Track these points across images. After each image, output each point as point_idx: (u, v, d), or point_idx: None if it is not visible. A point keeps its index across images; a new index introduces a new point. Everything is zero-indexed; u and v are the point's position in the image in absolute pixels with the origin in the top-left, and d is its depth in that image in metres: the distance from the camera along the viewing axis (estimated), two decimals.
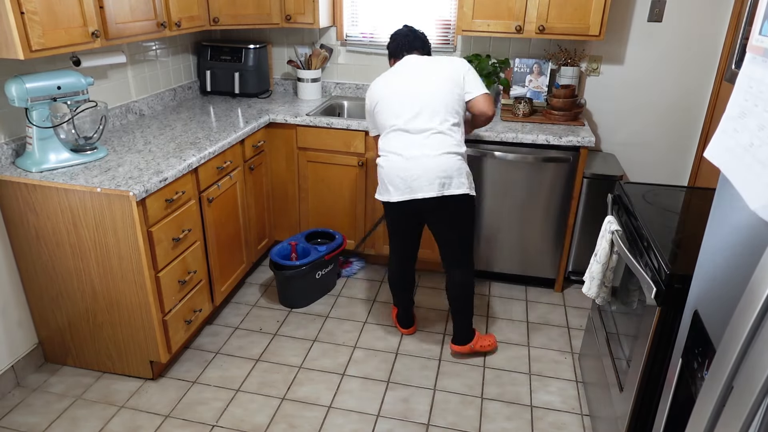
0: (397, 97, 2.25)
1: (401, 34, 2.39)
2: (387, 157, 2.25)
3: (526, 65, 3.15)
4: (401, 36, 2.38)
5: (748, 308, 0.88)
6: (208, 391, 2.32)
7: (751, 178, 0.97)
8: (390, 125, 2.25)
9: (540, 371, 2.49)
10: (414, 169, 2.18)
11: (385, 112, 2.27)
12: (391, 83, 2.30)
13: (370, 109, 2.36)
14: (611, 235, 1.89)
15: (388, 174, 2.24)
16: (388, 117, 2.26)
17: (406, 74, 2.30)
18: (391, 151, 2.24)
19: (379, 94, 2.30)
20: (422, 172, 2.18)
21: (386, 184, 2.27)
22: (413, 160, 2.18)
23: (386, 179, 2.26)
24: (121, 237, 2.06)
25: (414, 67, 2.31)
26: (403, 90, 2.26)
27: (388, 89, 2.28)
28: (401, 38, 2.38)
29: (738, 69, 1.08)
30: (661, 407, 1.43)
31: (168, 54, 3.14)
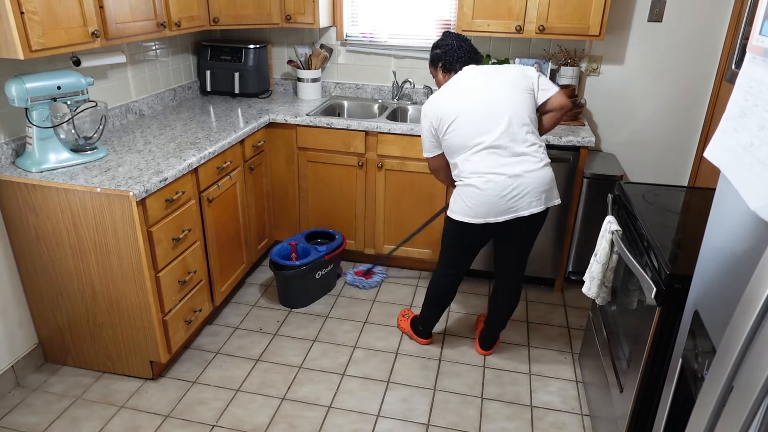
0: (477, 114, 2.08)
1: (453, 45, 2.19)
2: (483, 178, 2.08)
3: (526, 65, 3.14)
4: (454, 48, 2.19)
5: (748, 308, 0.88)
6: (208, 391, 2.32)
7: (751, 178, 0.97)
8: (474, 144, 2.08)
9: (540, 371, 2.49)
10: (521, 186, 2.06)
11: (463, 130, 2.09)
12: (463, 99, 2.11)
13: (435, 129, 2.15)
14: (611, 235, 1.89)
15: (488, 196, 2.07)
16: (471, 136, 2.08)
17: (478, 88, 2.12)
18: (487, 172, 2.07)
19: (451, 111, 2.10)
20: (529, 188, 2.07)
21: (480, 206, 2.10)
22: (518, 178, 2.06)
23: (483, 201, 2.09)
24: (121, 237, 2.06)
25: (484, 79, 2.14)
26: (481, 105, 2.08)
27: (462, 106, 2.09)
28: (455, 50, 2.19)
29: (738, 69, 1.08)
30: (661, 407, 1.43)
31: (168, 54, 3.14)
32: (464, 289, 3.11)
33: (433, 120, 2.15)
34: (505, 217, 2.10)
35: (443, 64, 2.22)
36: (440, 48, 2.22)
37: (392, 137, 2.91)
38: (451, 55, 2.19)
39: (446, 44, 2.20)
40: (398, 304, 2.95)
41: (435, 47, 2.24)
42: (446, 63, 2.20)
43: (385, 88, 3.47)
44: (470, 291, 3.11)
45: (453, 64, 2.19)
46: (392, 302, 2.97)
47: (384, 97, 3.48)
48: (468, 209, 2.13)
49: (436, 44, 2.24)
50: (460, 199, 2.16)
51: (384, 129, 2.91)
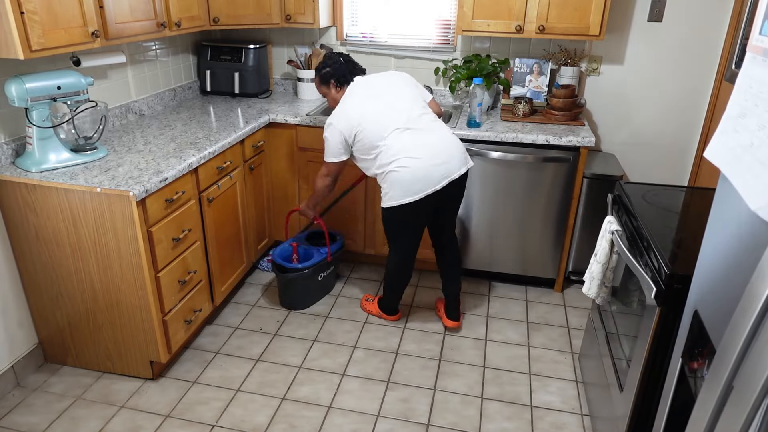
0: (381, 110, 2.33)
1: (341, 62, 2.47)
2: (409, 157, 2.27)
3: (526, 65, 3.15)
4: (342, 64, 2.47)
5: (748, 308, 0.88)
6: (208, 391, 2.32)
7: (751, 178, 0.97)
8: (389, 132, 2.30)
9: (540, 371, 2.49)
10: (447, 151, 2.30)
11: (373, 127, 2.31)
12: (366, 101, 2.36)
13: (346, 137, 2.36)
14: (611, 235, 1.89)
15: (420, 170, 2.26)
16: (382, 129, 2.31)
17: (375, 89, 2.41)
18: (410, 152, 2.27)
19: (359, 116, 2.33)
20: (453, 150, 2.32)
21: (416, 182, 2.28)
22: (439, 145, 2.30)
23: (417, 175, 2.27)
24: (121, 237, 2.06)
25: (376, 82, 2.43)
26: (384, 101, 2.35)
27: (366, 108, 2.34)
28: (344, 66, 2.46)
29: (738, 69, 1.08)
30: (661, 407, 1.43)
31: (168, 54, 3.14)
32: (465, 289, 3.11)
33: (344, 129, 2.35)
34: (442, 184, 2.29)
35: (336, 80, 2.46)
36: (329, 67, 2.46)
37: None
38: (342, 70, 2.45)
39: (334, 62, 2.47)
40: None
41: (324, 67, 2.47)
42: (339, 78, 2.46)
43: None
44: (472, 291, 3.11)
45: (345, 77, 2.45)
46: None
47: None
48: (405, 190, 2.30)
49: (324, 65, 2.48)
50: (395, 183, 2.31)
51: None
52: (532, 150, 2.79)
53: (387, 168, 2.32)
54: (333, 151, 2.41)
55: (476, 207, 2.97)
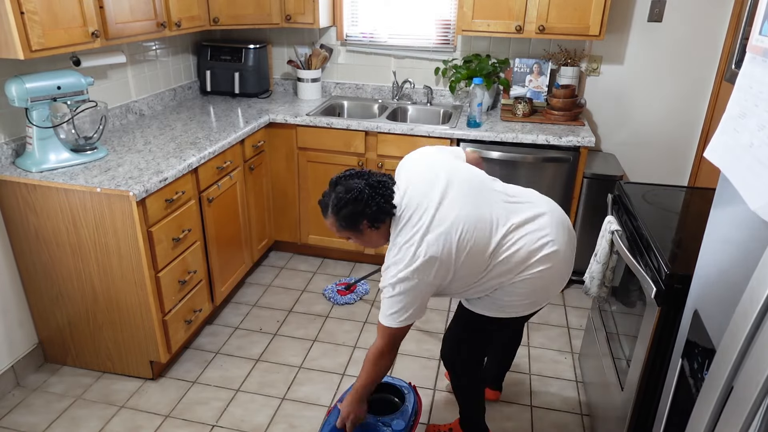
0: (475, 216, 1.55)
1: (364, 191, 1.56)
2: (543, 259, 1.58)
3: (526, 65, 3.15)
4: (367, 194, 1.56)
5: (748, 308, 0.88)
6: (208, 391, 2.32)
7: (751, 178, 0.97)
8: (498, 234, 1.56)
9: (540, 371, 2.49)
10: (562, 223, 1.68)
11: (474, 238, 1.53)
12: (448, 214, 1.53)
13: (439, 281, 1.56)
14: (611, 235, 1.89)
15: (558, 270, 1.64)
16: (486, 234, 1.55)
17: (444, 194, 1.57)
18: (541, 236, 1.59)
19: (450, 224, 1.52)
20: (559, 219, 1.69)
21: (549, 286, 1.65)
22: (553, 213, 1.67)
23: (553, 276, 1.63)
24: (121, 237, 2.06)
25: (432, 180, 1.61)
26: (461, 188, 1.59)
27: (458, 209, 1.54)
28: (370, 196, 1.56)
29: (738, 69, 1.08)
30: (661, 407, 1.43)
31: (168, 54, 3.14)
32: None
33: (436, 273, 1.53)
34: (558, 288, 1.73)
35: (368, 220, 1.58)
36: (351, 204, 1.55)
37: (392, 137, 2.91)
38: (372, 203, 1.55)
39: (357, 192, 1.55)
40: None
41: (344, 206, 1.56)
42: (377, 215, 1.57)
43: (385, 88, 3.47)
44: None
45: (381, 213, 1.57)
46: None
47: (384, 97, 3.48)
48: (529, 302, 1.66)
49: (345, 202, 1.56)
50: (516, 296, 1.63)
51: (384, 129, 2.91)
52: (532, 150, 2.79)
53: (509, 281, 1.60)
54: (411, 308, 1.58)
55: None
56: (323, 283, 3.15)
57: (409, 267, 1.52)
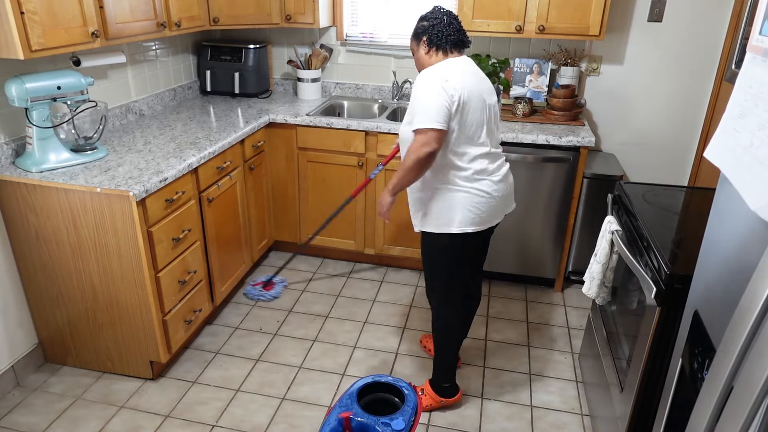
0: (481, 111, 1.88)
1: (443, 21, 1.90)
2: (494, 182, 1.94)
3: (526, 65, 3.15)
4: (444, 24, 1.90)
5: (748, 308, 0.88)
6: (208, 391, 2.32)
7: (751, 178, 0.97)
8: (480, 142, 1.89)
9: (540, 371, 2.49)
10: (510, 187, 2.04)
11: (475, 120, 1.86)
12: (474, 86, 1.87)
13: (451, 102, 1.79)
14: (611, 235, 1.89)
15: (498, 200, 1.96)
16: (477, 130, 1.87)
17: (478, 81, 1.91)
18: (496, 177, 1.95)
19: (468, 94, 1.82)
20: (512, 188, 2.07)
21: (490, 211, 1.95)
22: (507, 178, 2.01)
23: (493, 205, 1.95)
24: (121, 237, 2.06)
25: (478, 73, 1.94)
26: (483, 103, 1.89)
27: (475, 94, 1.86)
28: (445, 26, 1.90)
29: (738, 69, 1.08)
30: (661, 407, 1.43)
31: (168, 54, 3.14)
32: None
33: (453, 91, 1.79)
34: (499, 219, 2.04)
35: (429, 38, 1.91)
36: (428, 20, 1.92)
37: (392, 137, 2.91)
38: (440, 30, 1.89)
39: (435, 18, 1.91)
40: (398, 304, 2.95)
41: (422, 19, 1.95)
42: (432, 37, 1.90)
43: (385, 88, 3.47)
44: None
45: (441, 40, 1.90)
46: (392, 302, 2.97)
47: (384, 97, 3.48)
48: (475, 217, 1.93)
49: (424, 16, 1.95)
50: (464, 208, 1.91)
51: (384, 129, 2.91)
52: (532, 150, 2.79)
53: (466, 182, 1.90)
54: (434, 111, 1.77)
55: None
56: (323, 284, 3.15)
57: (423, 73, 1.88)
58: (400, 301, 3.00)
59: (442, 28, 1.89)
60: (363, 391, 1.87)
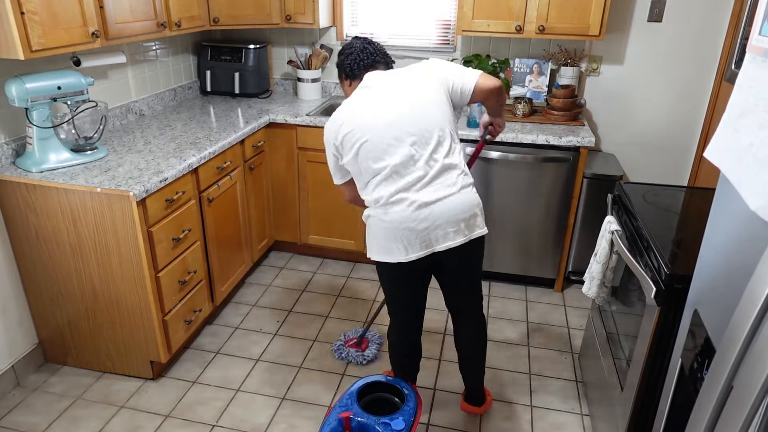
0: (379, 130, 1.73)
1: (356, 48, 1.87)
2: (385, 208, 1.76)
3: (526, 65, 3.15)
4: (357, 51, 1.86)
5: (748, 308, 0.88)
6: (208, 391, 2.32)
7: (751, 178, 0.97)
8: (378, 168, 1.75)
9: (540, 371, 2.49)
10: (431, 217, 1.72)
11: (366, 152, 1.74)
12: (364, 113, 1.76)
13: (335, 151, 1.83)
14: (611, 235, 1.89)
15: (393, 230, 1.75)
16: (374, 158, 1.74)
17: (381, 96, 1.78)
18: (390, 200, 1.75)
19: (351, 130, 1.75)
20: (443, 219, 1.73)
21: (390, 242, 1.77)
22: (427, 207, 1.72)
23: (390, 236, 1.76)
24: (121, 237, 2.06)
25: (387, 84, 1.80)
26: (384, 118, 1.73)
27: (362, 120, 1.75)
28: (357, 53, 1.86)
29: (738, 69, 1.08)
30: (661, 407, 1.43)
31: (168, 54, 3.14)
32: None
33: (330, 141, 1.82)
34: (418, 254, 1.77)
35: (345, 71, 1.90)
36: (343, 54, 1.90)
37: None
38: (353, 59, 1.86)
39: (350, 49, 1.88)
40: None
41: (339, 53, 1.92)
42: (347, 69, 1.88)
43: None
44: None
45: (354, 70, 1.87)
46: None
47: None
48: (379, 246, 1.82)
49: (341, 50, 1.92)
50: (370, 235, 1.87)
51: None
52: (532, 150, 2.79)
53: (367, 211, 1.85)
54: (332, 169, 1.93)
55: None
56: (323, 284, 3.15)
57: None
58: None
59: (355, 56, 1.87)
60: (363, 391, 1.88)
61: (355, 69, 1.87)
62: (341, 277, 3.23)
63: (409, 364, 2.13)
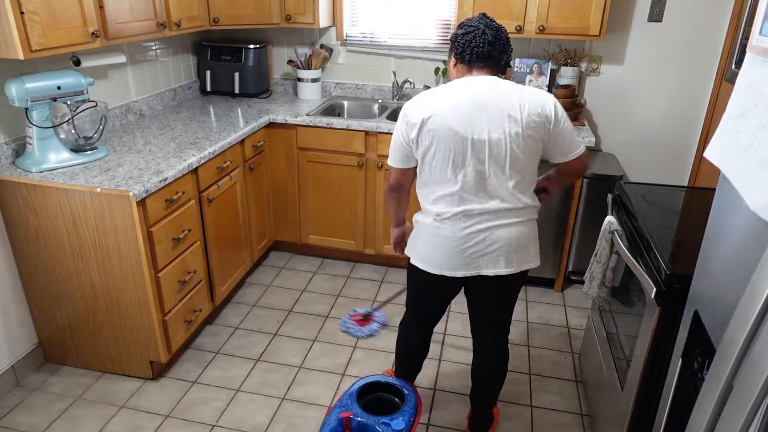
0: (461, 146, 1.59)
1: (478, 30, 1.65)
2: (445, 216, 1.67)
3: (526, 65, 3.15)
4: (476, 33, 1.65)
5: (748, 308, 0.88)
6: (208, 391, 2.32)
7: (751, 178, 0.97)
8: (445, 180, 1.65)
9: (540, 371, 2.49)
10: (488, 240, 1.66)
11: (438, 155, 1.62)
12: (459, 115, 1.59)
13: (406, 136, 1.66)
14: (611, 235, 1.89)
15: (446, 242, 1.69)
16: (442, 167, 1.63)
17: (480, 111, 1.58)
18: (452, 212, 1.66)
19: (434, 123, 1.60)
20: (499, 244, 1.67)
21: (435, 253, 1.72)
22: (486, 231, 1.66)
23: (439, 247, 1.71)
24: (121, 237, 2.06)
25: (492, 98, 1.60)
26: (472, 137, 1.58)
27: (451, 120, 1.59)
28: (475, 37, 1.65)
29: (738, 69, 1.08)
30: (661, 407, 1.43)
31: (168, 54, 3.14)
32: None
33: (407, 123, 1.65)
34: (462, 273, 1.71)
35: (456, 48, 1.69)
36: (462, 28, 1.69)
37: None
38: (468, 40, 1.65)
39: (470, 25, 1.67)
40: (398, 304, 2.95)
41: (458, 27, 1.72)
42: (458, 48, 1.68)
43: (385, 88, 3.47)
44: None
45: (465, 52, 1.66)
46: (392, 302, 2.97)
47: (384, 97, 3.48)
48: (423, 253, 1.76)
49: (460, 24, 1.72)
50: (417, 236, 1.79)
51: (384, 129, 2.91)
52: None
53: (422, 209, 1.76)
54: (391, 148, 1.75)
55: None
56: (323, 283, 3.15)
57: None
58: (400, 300, 2.99)
59: (471, 38, 1.65)
60: (363, 391, 1.89)
61: (466, 50, 1.66)
62: (341, 277, 3.23)
63: (411, 359, 2.11)
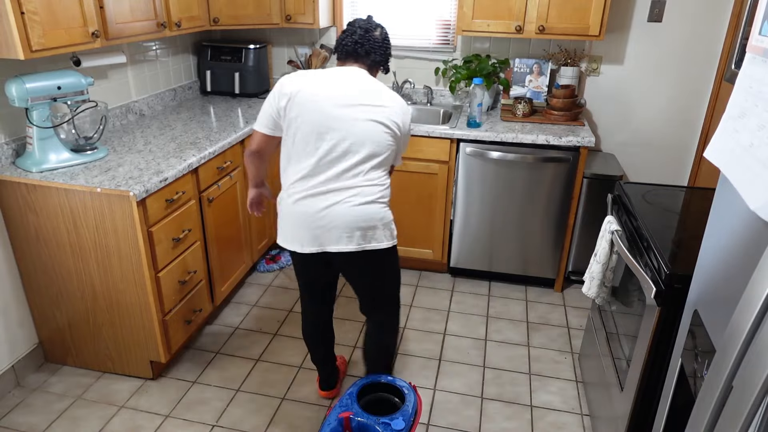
0: (320, 114, 1.71)
1: (352, 30, 1.83)
2: (297, 195, 1.78)
3: (526, 65, 3.15)
4: (350, 34, 1.83)
5: (748, 308, 0.88)
6: (208, 391, 2.32)
7: (750, 178, 0.97)
8: (302, 152, 1.76)
9: (540, 371, 2.49)
10: (328, 217, 1.75)
11: (300, 125, 1.73)
12: (321, 88, 1.73)
13: (277, 102, 1.76)
14: (611, 235, 1.89)
15: (293, 220, 1.81)
16: (301, 139, 1.74)
17: (344, 87, 1.74)
18: (302, 191, 1.77)
19: (302, 95, 1.73)
20: (337, 222, 1.75)
21: (287, 231, 1.84)
22: (328, 208, 1.75)
23: (289, 224, 1.83)
24: (121, 237, 2.06)
25: (355, 83, 1.77)
26: (332, 105, 1.71)
27: (316, 95, 1.72)
28: (348, 37, 1.83)
29: (738, 69, 1.08)
30: (661, 407, 1.43)
31: (168, 54, 3.14)
32: (467, 289, 3.11)
33: (280, 92, 1.75)
34: (310, 249, 1.80)
35: (336, 45, 1.87)
36: (347, 27, 1.86)
37: None
38: (341, 38, 1.84)
39: (351, 24, 1.85)
40: None
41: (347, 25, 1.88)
42: (338, 46, 1.85)
43: None
44: (472, 291, 3.11)
45: (337, 48, 1.85)
46: None
47: None
48: (280, 230, 1.88)
49: (349, 22, 1.88)
50: (279, 216, 1.89)
51: None
52: (532, 150, 2.79)
53: (283, 188, 1.86)
54: (261, 114, 1.83)
55: (476, 207, 2.97)
56: None
57: None
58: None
59: (343, 36, 1.84)
60: (363, 391, 1.89)
61: (337, 49, 1.86)
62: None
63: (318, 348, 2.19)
